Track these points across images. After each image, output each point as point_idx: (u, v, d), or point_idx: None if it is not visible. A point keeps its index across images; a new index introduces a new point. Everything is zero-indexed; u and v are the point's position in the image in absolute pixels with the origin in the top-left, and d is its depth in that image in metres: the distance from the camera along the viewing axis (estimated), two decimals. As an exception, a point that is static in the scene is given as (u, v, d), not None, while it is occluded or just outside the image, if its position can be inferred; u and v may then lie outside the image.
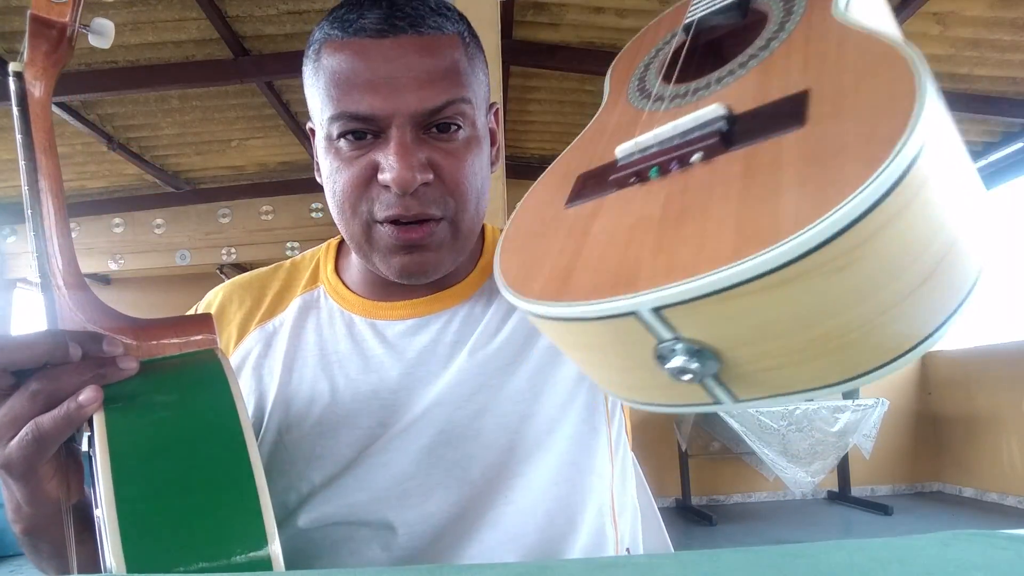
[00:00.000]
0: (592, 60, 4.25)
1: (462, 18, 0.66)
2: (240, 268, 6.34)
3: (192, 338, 0.53)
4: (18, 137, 0.49)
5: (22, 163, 0.49)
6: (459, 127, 0.62)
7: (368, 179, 0.61)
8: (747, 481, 5.46)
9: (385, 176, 0.59)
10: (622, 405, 0.72)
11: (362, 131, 0.60)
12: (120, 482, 0.38)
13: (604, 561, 0.30)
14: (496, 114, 0.72)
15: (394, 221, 0.61)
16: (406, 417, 0.65)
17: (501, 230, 0.77)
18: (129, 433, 0.42)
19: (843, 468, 5.22)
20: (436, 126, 0.61)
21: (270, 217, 5.93)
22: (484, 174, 0.66)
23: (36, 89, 0.52)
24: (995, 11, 3.50)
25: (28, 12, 0.55)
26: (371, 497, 0.63)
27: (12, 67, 0.53)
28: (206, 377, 0.49)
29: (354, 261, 0.75)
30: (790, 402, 0.33)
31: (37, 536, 0.53)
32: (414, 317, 0.71)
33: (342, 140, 0.61)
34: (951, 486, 5.67)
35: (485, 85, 0.68)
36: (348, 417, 0.66)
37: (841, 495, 5.34)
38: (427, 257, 0.64)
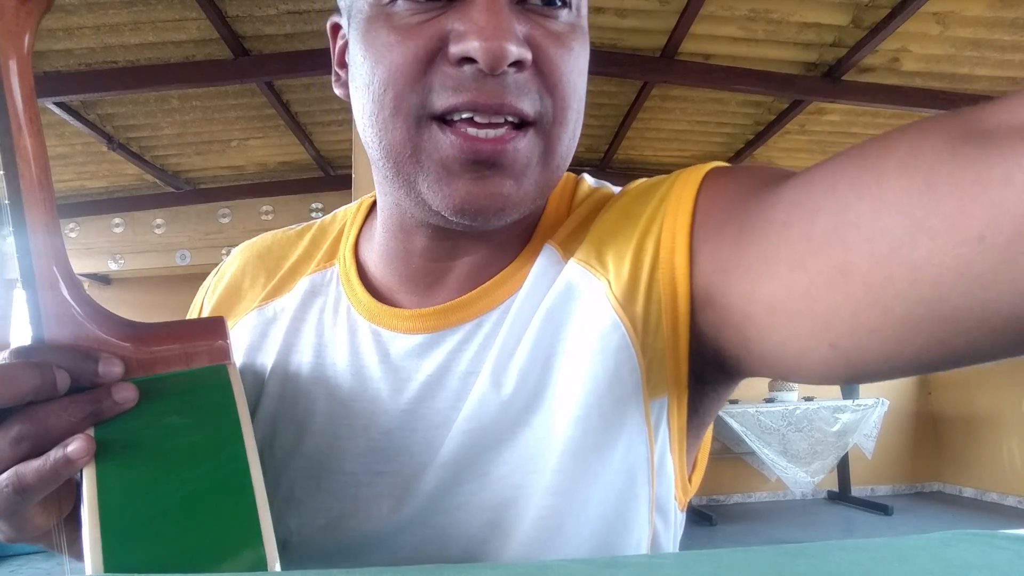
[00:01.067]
0: (592, 60, 4.19)
1: None
2: (240, 268, 6.35)
3: (200, 350, 0.44)
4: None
5: None
6: (565, 5, 0.46)
7: (431, 55, 0.42)
8: (747, 481, 5.46)
9: (465, 44, 0.40)
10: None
11: None
12: (109, 542, 0.35)
13: (604, 561, 0.30)
14: None
15: (462, 116, 0.43)
16: (403, 472, 0.51)
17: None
18: (121, 485, 0.38)
19: (843, 468, 5.22)
20: None
21: (270, 217, 5.94)
22: (585, 86, 0.49)
23: (9, 50, 0.40)
24: (995, 11, 3.50)
25: None
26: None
27: None
28: (214, 409, 0.42)
29: (378, 231, 0.57)
30: None
31: (32, 543, 0.46)
32: (423, 333, 0.53)
33: (400, 3, 0.43)
34: (951, 486, 5.67)
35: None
36: (332, 457, 0.53)
37: (841, 495, 5.34)
38: (503, 187, 0.44)
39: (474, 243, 0.52)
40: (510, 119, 0.43)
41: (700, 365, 0.48)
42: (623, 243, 0.49)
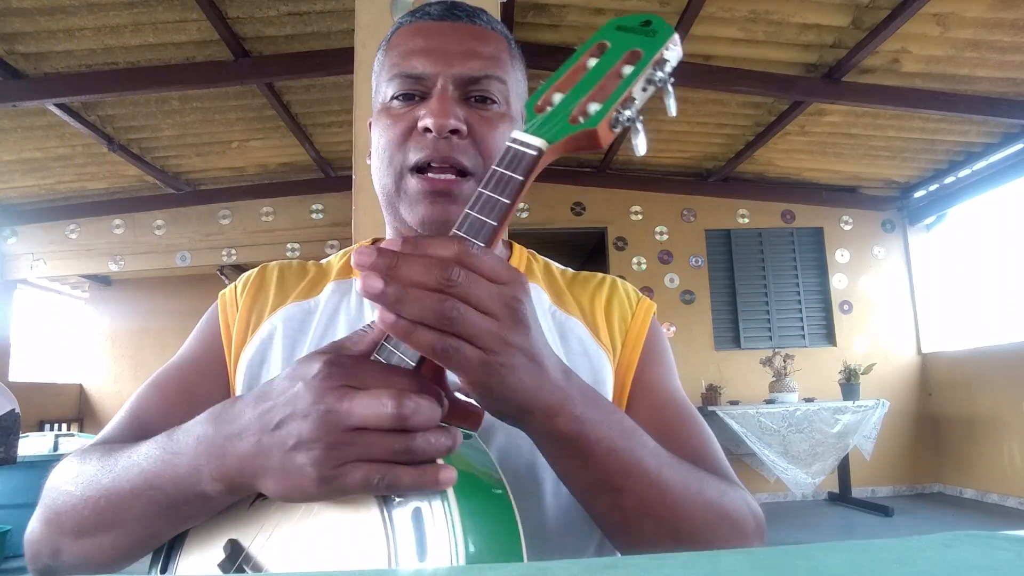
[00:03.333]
0: (592, 61, 4.25)
1: (509, 34, 0.77)
2: (240, 269, 6.34)
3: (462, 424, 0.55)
4: (502, 200, 0.50)
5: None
6: (494, 101, 0.70)
7: (409, 130, 0.68)
8: (748, 482, 5.44)
9: (425, 121, 0.66)
10: None
11: (412, 92, 0.69)
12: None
13: (604, 562, 0.30)
14: None
15: (424, 167, 0.67)
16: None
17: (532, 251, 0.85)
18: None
19: (844, 469, 5.21)
20: (474, 96, 0.70)
21: (270, 218, 5.94)
22: None
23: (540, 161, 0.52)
24: (995, 12, 3.50)
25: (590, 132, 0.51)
26: None
27: (537, 143, 0.51)
28: (479, 446, 0.54)
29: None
30: None
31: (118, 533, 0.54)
32: None
33: (394, 101, 0.70)
34: (952, 487, 5.66)
35: (523, 87, 0.76)
36: None
37: (842, 496, 5.34)
38: (450, 209, 0.67)
39: None
40: (456, 168, 0.68)
41: None
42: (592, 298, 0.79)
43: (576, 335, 0.73)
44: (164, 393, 0.70)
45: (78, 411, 7.10)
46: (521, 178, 0.51)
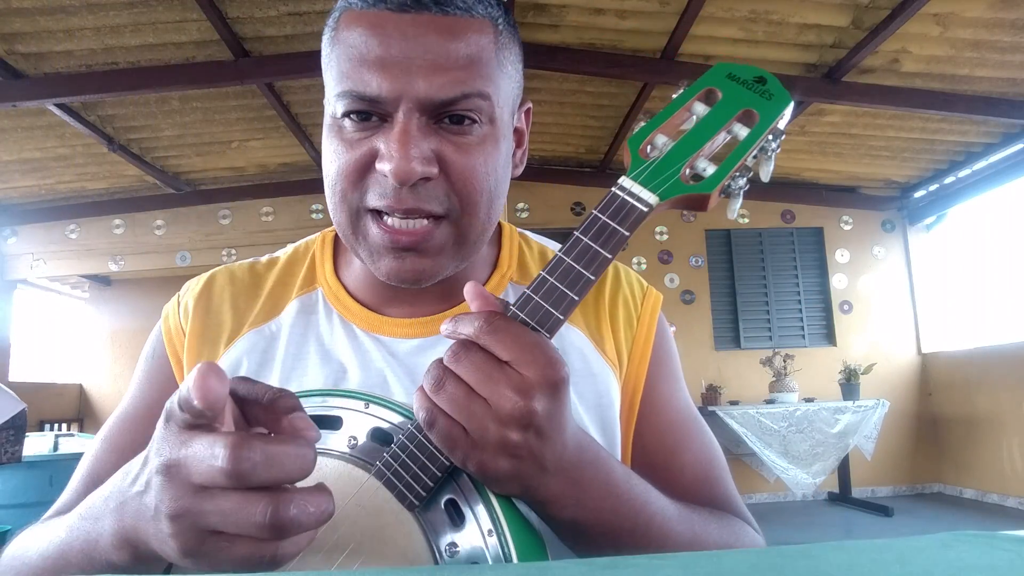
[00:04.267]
0: (593, 61, 4.25)
1: (499, 2, 0.59)
2: (240, 269, 6.35)
3: None
4: (603, 254, 0.46)
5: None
6: (474, 121, 0.55)
7: (366, 166, 0.55)
8: (748, 482, 5.45)
9: (383, 165, 0.53)
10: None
11: (367, 112, 0.55)
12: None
13: (604, 562, 0.30)
14: (527, 114, 0.67)
15: (384, 214, 0.55)
16: None
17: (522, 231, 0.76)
18: None
19: (844, 469, 5.21)
20: (449, 117, 0.55)
21: (270, 218, 5.94)
22: (500, 176, 0.59)
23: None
24: (995, 12, 3.50)
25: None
26: None
27: (650, 199, 0.48)
28: None
29: (354, 259, 0.69)
30: None
31: None
32: (422, 337, 0.64)
33: (346, 120, 0.56)
34: (952, 487, 5.66)
35: (515, 81, 0.61)
36: None
37: (842, 496, 5.34)
38: (422, 263, 0.57)
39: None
40: (426, 214, 0.55)
41: None
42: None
43: (579, 349, 0.66)
44: (118, 449, 0.63)
45: (78, 411, 7.10)
46: (627, 233, 0.47)
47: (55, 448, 4.14)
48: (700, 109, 0.51)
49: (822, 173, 5.80)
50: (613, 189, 0.49)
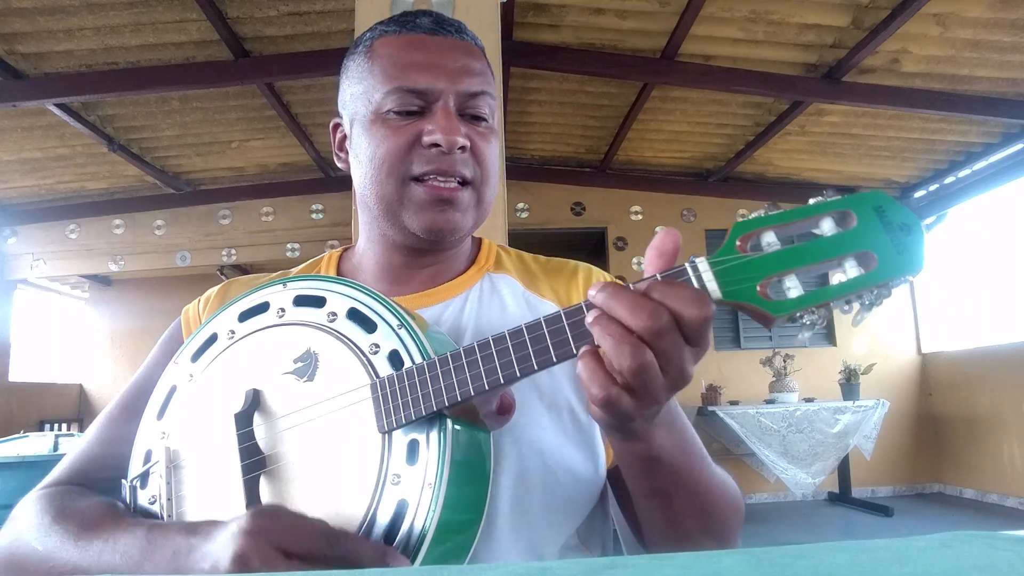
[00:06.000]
0: (592, 61, 4.25)
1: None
2: (240, 269, 6.34)
3: None
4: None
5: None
6: (486, 119, 0.74)
7: (412, 143, 0.70)
8: (748, 482, 5.45)
9: (434, 136, 0.69)
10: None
11: (411, 106, 0.71)
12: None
13: (604, 562, 0.30)
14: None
15: (426, 178, 0.70)
16: None
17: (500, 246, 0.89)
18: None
19: (844, 469, 5.21)
20: (470, 115, 0.73)
21: (270, 218, 5.93)
22: (497, 161, 0.77)
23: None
24: (995, 12, 3.50)
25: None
26: None
27: (714, 292, 0.47)
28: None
29: (357, 267, 0.82)
30: None
31: None
32: (420, 308, 0.76)
33: (391, 114, 0.71)
34: (952, 487, 5.66)
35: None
36: None
37: (842, 496, 5.34)
38: (454, 216, 0.72)
39: (430, 258, 0.78)
40: (458, 180, 0.72)
41: None
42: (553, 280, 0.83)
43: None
44: (131, 415, 0.71)
45: (78, 411, 7.10)
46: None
47: (55, 448, 4.13)
48: (827, 227, 0.46)
49: (822, 173, 5.80)
50: (686, 264, 0.47)
